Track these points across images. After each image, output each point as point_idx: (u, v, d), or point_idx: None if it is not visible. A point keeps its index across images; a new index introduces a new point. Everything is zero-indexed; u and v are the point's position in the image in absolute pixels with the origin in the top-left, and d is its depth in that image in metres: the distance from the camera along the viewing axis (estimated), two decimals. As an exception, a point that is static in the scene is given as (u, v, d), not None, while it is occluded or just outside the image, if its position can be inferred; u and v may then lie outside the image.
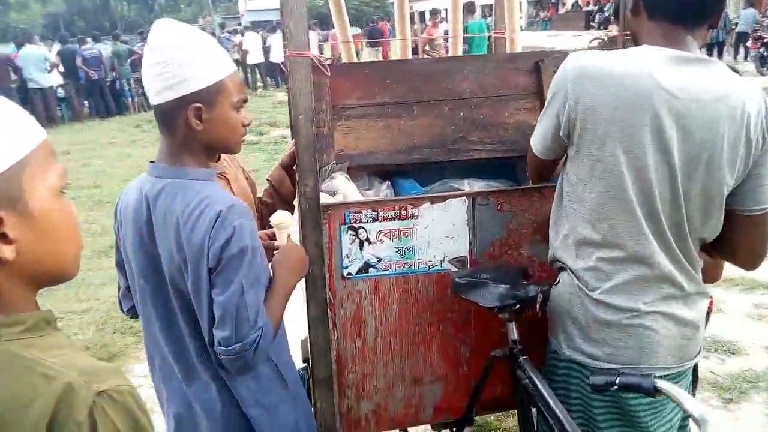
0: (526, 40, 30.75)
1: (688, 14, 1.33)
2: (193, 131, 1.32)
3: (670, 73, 1.29)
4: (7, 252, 0.75)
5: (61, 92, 12.72)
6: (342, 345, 1.77)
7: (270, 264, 1.45)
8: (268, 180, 1.94)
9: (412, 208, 1.70)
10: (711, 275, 1.59)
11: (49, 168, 0.81)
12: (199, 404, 1.43)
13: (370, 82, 2.00)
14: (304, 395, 1.61)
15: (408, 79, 2.01)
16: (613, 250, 1.38)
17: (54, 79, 12.21)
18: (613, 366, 1.41)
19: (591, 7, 31.59)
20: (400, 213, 1.70)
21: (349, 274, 1.72)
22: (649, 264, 1.37)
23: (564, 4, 36.03)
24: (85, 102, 13.22)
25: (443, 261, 1.75)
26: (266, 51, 16.23)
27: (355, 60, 3.63)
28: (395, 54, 13.85)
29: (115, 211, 1.47)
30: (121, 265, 1.51)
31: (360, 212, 1.68)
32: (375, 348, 1.79)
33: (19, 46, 12.44)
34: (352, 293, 1.74)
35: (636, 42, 1.42)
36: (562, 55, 1.90)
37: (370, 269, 1.73)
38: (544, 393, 1.44)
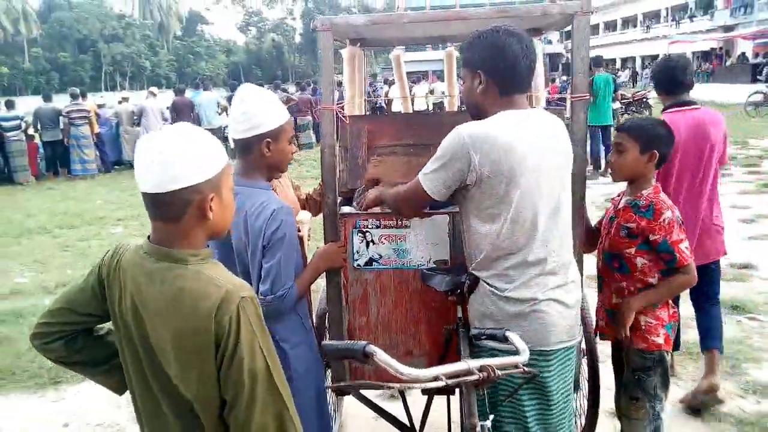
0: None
1: (517, 87, 1.94)
2: (264, 157, 2.06)
3: (532, 125, 1.88)
4: (210, 215, 1.38)
5: (226, 132, 14.69)
6: (351, 318, 2.40)
7: (315, 251, 2.17)
8: (320, 183, 2.63)
9: (406, 220, 2.31)
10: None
11: (229, 176, 1.47)
12: None
13: (399, 128, 2.66)
14: (316, 344, 2.25)
15: (427, 126, 2.64)
16: (516, 258, 1.90)
17: (223, 121, 14.15)
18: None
19: (760, 60, 29.64)
20: (396, 223, 2.32)
21: (358, 265, 2.36)
22: (542, 265, 1.88)
23: (729, 56, 34.10)
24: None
25: (429, 261, 2.33)
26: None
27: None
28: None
29: None
30: None
31: (367, 220, 2.32)
32: (376, 323, 2.39)
33: (196, 90, 14.60)
34: (360, 280, 2.37)
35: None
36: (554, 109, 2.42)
37: (374, 263, 2.35)
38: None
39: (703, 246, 3.23)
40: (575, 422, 3.06)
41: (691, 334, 4.08)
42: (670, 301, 2.45)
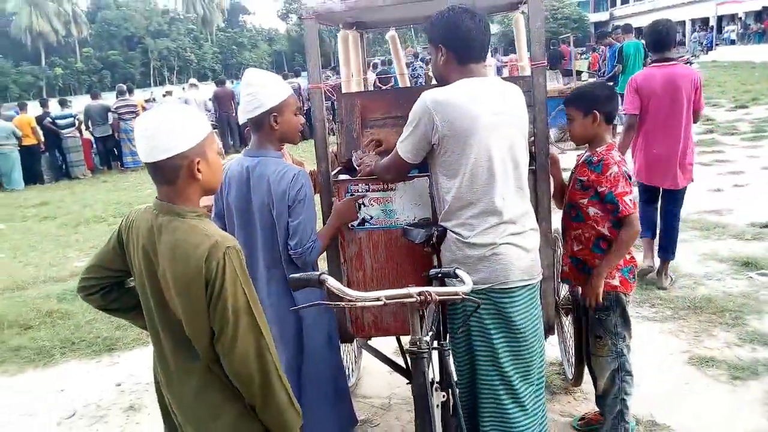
0: (732, 54, 28.16)
1: (474, 56, 2.21)
2: (273, 130, 2.36)
3: (487, 90, 2.14)
4: (199, 176, 1.67)
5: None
6: (349, 274, 2.70)
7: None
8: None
9: (392, 184, 2.58)
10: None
11: (213, 142, 1.76)
12: (271, 294, 2.42)
13: (389, 102, 2.92)
14: (326, 296, 2.55)
15: (413, 99, 2.88)
16: (475, 208, 2.16)
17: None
18: (487, 285, 2.17)
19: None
20: (383, 186, 2.59)
21: (352, 226, 2.65)
22: (500, 214, 2.13)
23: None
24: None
25: (414, 219, 2.59)
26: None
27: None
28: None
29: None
30: (218, 215, 2.57)
31: (358, 185, 2.61)
32: (372, 277, 2.68)
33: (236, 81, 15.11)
34: (355, 239, 2.66)
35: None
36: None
37: (366, 223, 2.64)
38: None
39: (676, 176, 4.28)
40: (566, 371, 3.32)
41: (701, 290, 4.24)
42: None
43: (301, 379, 2.39)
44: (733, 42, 36.34)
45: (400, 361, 3.08)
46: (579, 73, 13.30)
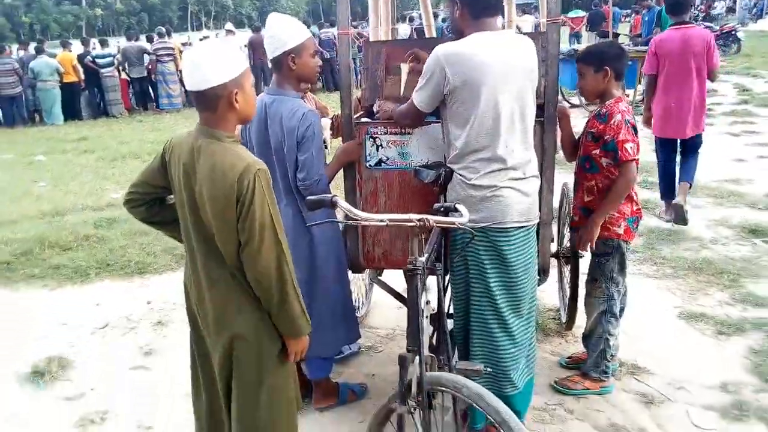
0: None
1: (488, 11, 2.36)
2: (291, 70, 2.58)
3: (500, 43, 2.30)
4: (237, 105, 1.90)
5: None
6: (364, 208, 2.92)
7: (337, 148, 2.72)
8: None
9: (408, 129, 2.78)
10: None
11: (250, 76, 1.98)
12: (286, 218, 2.66)
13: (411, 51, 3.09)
14: (338, 227, 2.80)
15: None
16: (481, 154, 2.35)
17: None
18: (486, 224, 2.38)
19: None
20: (401, 130, 2.79)
21: (369, 165, 2.86)
22: (503, 161, 2.33)
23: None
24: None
25: (427, 162, 2.80)
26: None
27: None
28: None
29: None
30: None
31: (377, 128, 2.81)
32: (384, 212, 2.87)
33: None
34: (372, 178, 2.88)
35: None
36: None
37: (382, 164, 2.85)
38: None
39: (688, 126, 4.89)
40: (561, 316, 3.55)
41: (705, 253, 4.39)
42: (635, 198, 2.84)
43: (311, 295, 2.66)
44: (785, 12, 34.85)
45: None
46: (616, 35, 13.06)
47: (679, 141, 5.07)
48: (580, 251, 3.10)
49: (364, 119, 2.98)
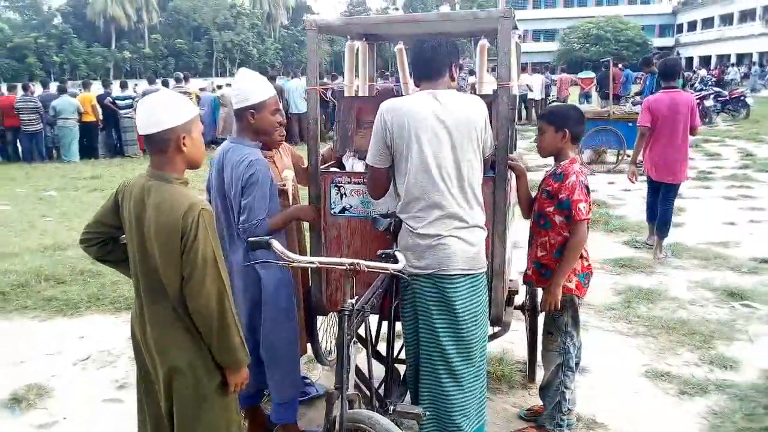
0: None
1: (429, 74, 2.52)
2: (250, 124, 2.76)
3: (432, 102, 2.46)
4: (184, 149, 2.08)
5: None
6: (330, 254, 3.06)
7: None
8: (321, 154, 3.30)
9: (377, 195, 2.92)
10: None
11: (198, 124, 2.17)
12: (235, 263, 2.82)
13: (382, 107, 3.27)
14: (288, 270, 2.91)
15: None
16: (421, 203, 2.48)
17: (305, 107, 15.16)
18: (432, 271, 2.49)
19: None
20: (363, 180, 2.94)
21: (334, 212, 3.01)
22: (443, 208, 2.46)
23: None
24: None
25: (388, 210, 2.93)
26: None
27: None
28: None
29: (210, 160, 2.97)
30: (209, 188, 2.97)
31: (342, 177, 2.97)
32: (348, 256, 3.03)
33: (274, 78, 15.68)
34: (336, 224, 3.02)
35: None
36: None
37: (346, 211, 3.00)
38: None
39: (675, 173, 5.69)
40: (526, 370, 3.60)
41: (681, 314, 4.44)
42: (585, 255, 2.93)
43: (258, 339, 2.77)
44: (799, 79, 35.19)
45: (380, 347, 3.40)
46: (618, 97, 13.32)
47: (662, 186, 5.86)
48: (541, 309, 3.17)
49: (332, 169, 3.14)
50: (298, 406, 3.14)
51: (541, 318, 3.22)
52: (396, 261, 2.25)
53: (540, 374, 3.37)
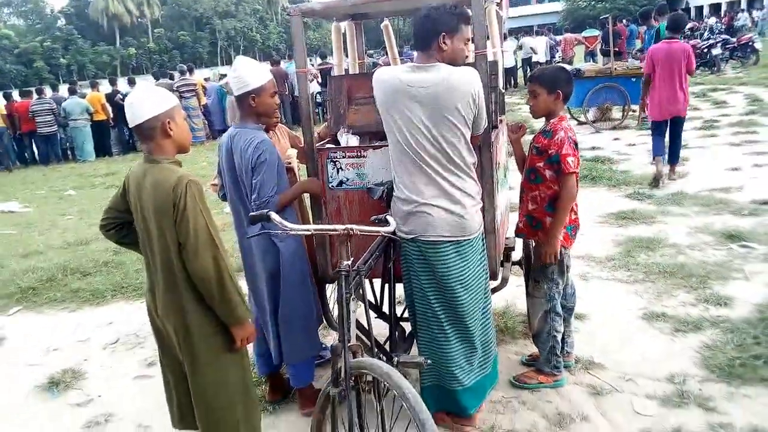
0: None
1: (418, 45, 2.61)
2: (252, 108, 2.95)
3: (407, 74, 2.58)
4: (171, 133, 2.30)
5: (318, 98, 15.78)
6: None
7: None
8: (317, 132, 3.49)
9: (363, 152, 3.11)
10: None
11: (180, 111, 2.38)
12: (253, 240, 3.02)
13: (371, 83, 3.43)
14: (301, 240, 3.12)
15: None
16: (404, 169, 2.65)
17: (313, 88, 15.29)
18: (414, 236, 2.67)
19: None
20: (357, 154, 3.12)
21: (332, 186, 3.20)
22: (420, 177, 2.61)
23: None
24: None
25: (382, 181, 3.12)
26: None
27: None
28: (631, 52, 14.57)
29: (218, 146, 3.17)
30: (220, 173, 3.19)
31: (336, 152, 3.15)
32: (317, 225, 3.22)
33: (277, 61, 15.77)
34: (334, 197, 3.21)
35: None
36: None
37: (343, 184, 3.18)
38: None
39: (676, 109, 6.71)
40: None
41: (680, 258, 4.58)
42: (573, 209, 3.10)
43: (279, 302, 2.98)
44: (811, 20, 34.34)
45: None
46: (619, 53, 13.26)
47: (669, 123, 6.86)
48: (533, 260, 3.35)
49: (328, 145, 3.33)
50: (315, 368, 3.38)
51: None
52: (388, 225, 2.44)
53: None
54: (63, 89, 15.08)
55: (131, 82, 15.37)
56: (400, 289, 3.03)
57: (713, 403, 2.94)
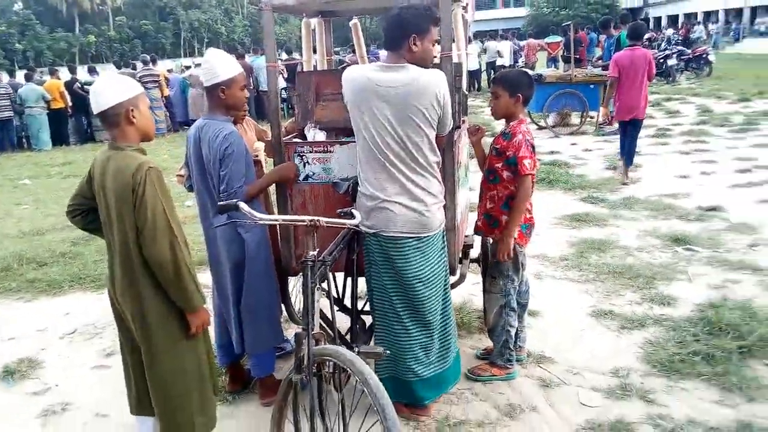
0: (759, 47, 28.05)
1: (388, 45, 2.69)
2: (221, 99, 2.99)
3: (376, 73, 2.66)
4: (134, 121, 2.35)
5: (283, 94, 15.74)
6: (294, 219, 3.32)
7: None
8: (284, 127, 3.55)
9: (330, 147, 3.19)
10: None
11: (144, 99, 2.43)
12: (219, 231, 3.07)
13: (339, 80, 3.51)
14: (266, 230, 3.17)
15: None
16: (369, 166, 2.74)
17: (279, 83, 15.25)
18: (375, 231, 2.77)
19: None
20: (324, 149, 3.20)
21: (298, 180, 3.27)
22: (383, 175, 2.71)
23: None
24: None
25: (347, 176, 3.20)
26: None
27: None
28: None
29: (187, 137, 3.21)
30: (187, 164, 3.23)
31: (303, 147, 3.22)
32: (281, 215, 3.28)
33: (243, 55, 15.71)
34: (300, 191, 3.28)
35: None
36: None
37: (309, 178, 3.26)
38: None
39: (638, 112, 7.21)
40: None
41: (629, 260, 4.78)
42: (528, 208, 3.24)
43: (243, 291, 3.03)
44: (761, 34, 35.83)
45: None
46: (579, 60, 13.62)
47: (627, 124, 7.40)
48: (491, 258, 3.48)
49: (295, 140, 3.39)
50: (276, 360, 3.44)
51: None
52: (353, 218, 2.53)
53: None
54: (20, 75, 14.65)
55: (91, 71, 15.06)
56: (362, 283, 3.13)
57: (653, 395, 3.12)
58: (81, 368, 3.85)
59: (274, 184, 3.23)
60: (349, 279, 3.24)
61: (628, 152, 7.46)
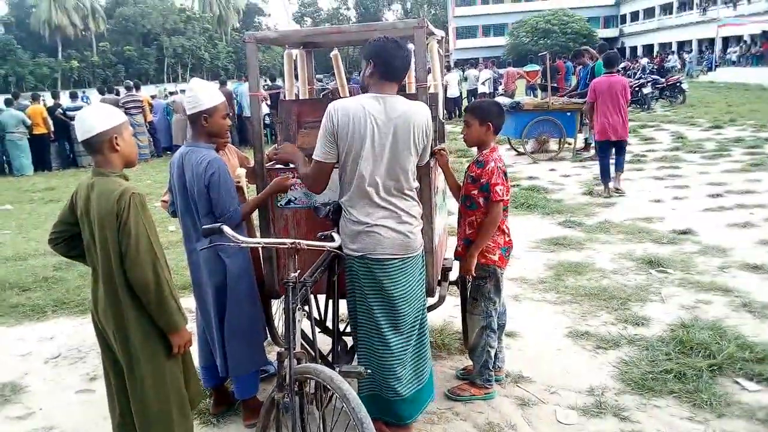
0: (731, 76, 28.84)
1: (393, 77, 2.80)
2: (204, 127, 3.09)
3: (372, 104, 2.77)
4: (118, 148, 2.44)
5: (267, 120, 15.89)
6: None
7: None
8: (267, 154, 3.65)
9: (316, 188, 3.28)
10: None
11: (127, 128, 2.52)
12: (201, 255, 3.14)
13: (321, 108, 3.63)
14: (249, 256, 3.25)
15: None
16: (357, 196, 2.83)
17: (263, 110, 15.39)
18: (362, 254, 2.86)
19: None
20: (304, 175, 3.30)
21: (280, 204, 3.36)
22: (375, 201, 2.80)
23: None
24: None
25: (328, 201, 3.30)
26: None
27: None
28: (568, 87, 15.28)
29: (170, 163, 3.29)
30: (171, 189, 3.31)
31: (286, 173, 3.33)
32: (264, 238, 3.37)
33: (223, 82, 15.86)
34: (282, 216, 3.37)
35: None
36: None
37: (291, 203, 3.35)
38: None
39: (619, 132, 7.94)
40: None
41: (604, 282, 4.90)
42: (507, 231, 3.36)
43: (225, 315, 3.10)
44: (733, 63, 36.90)
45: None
46: (556, 89, 13.96)
47: (613, 144, 8.07)
48: (467, 278, 3.59)
49: (277, 166, 3.49)
50: (260, 382, 3.49)
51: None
52: (333, 241, 2.62)
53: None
54: (0, 100, 14.64)
55: (73, 96, 15.08)
56: (343, 305, 3.21)
57: (627, 413, 3.22)
58: (65, 392, 3.87)
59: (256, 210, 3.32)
60: (330, 301, 3.32)
61: (619, 162, 8.20)
